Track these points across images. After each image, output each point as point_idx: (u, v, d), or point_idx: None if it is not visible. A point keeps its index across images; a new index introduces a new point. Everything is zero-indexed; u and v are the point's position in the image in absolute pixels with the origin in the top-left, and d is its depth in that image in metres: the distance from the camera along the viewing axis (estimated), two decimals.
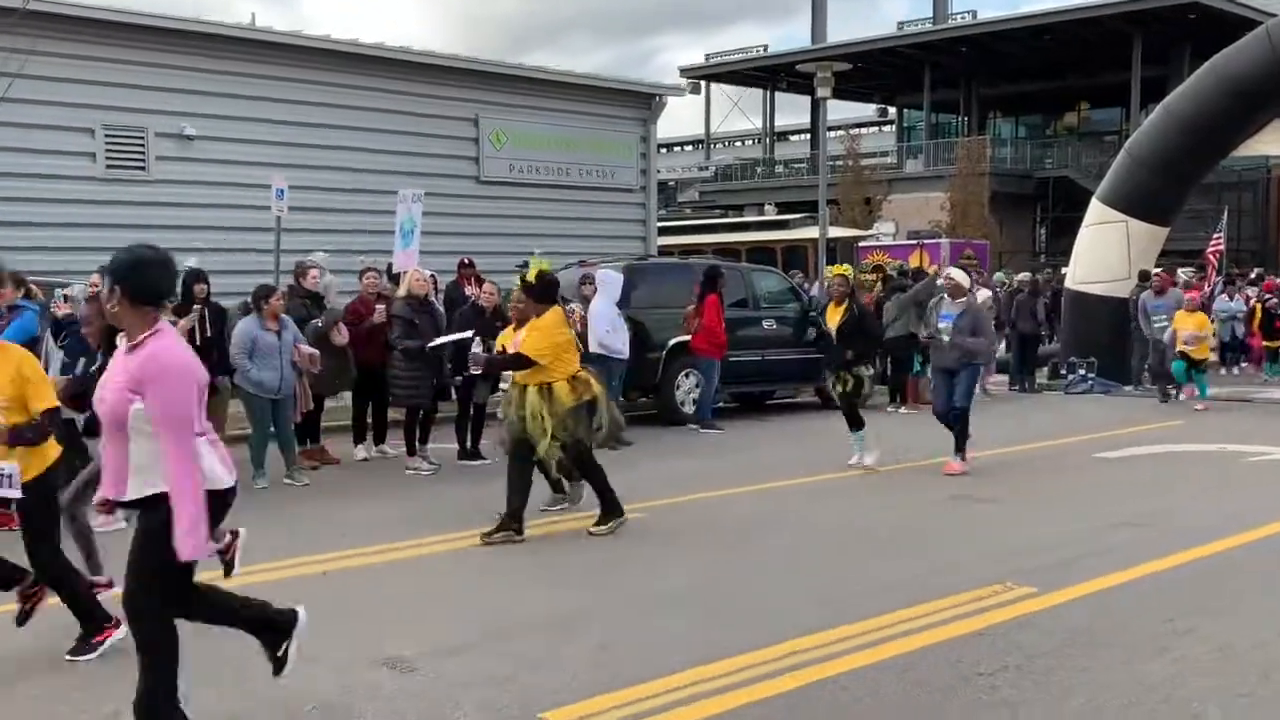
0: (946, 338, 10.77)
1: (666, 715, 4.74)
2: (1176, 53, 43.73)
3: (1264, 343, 20.69)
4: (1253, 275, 25.55)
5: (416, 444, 11.09)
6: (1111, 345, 18.26)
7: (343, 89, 18.54)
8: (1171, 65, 43.02)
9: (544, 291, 8.18)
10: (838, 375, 11.15)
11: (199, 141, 17.11)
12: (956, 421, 10.82)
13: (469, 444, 11.52)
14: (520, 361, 8.12)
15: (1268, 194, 47.49)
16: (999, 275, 25.03)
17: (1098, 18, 44.62)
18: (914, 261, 26.74)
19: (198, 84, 17.10)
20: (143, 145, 16.75)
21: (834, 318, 10.99)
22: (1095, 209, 18.81)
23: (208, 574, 4.50)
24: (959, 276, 11.07)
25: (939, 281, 14.22)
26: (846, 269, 11.51)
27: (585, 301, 12.95)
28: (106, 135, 16.46)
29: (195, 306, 10.42)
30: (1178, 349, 16.22)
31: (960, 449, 10.82)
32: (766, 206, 42.88)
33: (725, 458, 11.98)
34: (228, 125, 17.34)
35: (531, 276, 8.12)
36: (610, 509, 8.22)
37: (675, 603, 6.37)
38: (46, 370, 6.57)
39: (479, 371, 8.84)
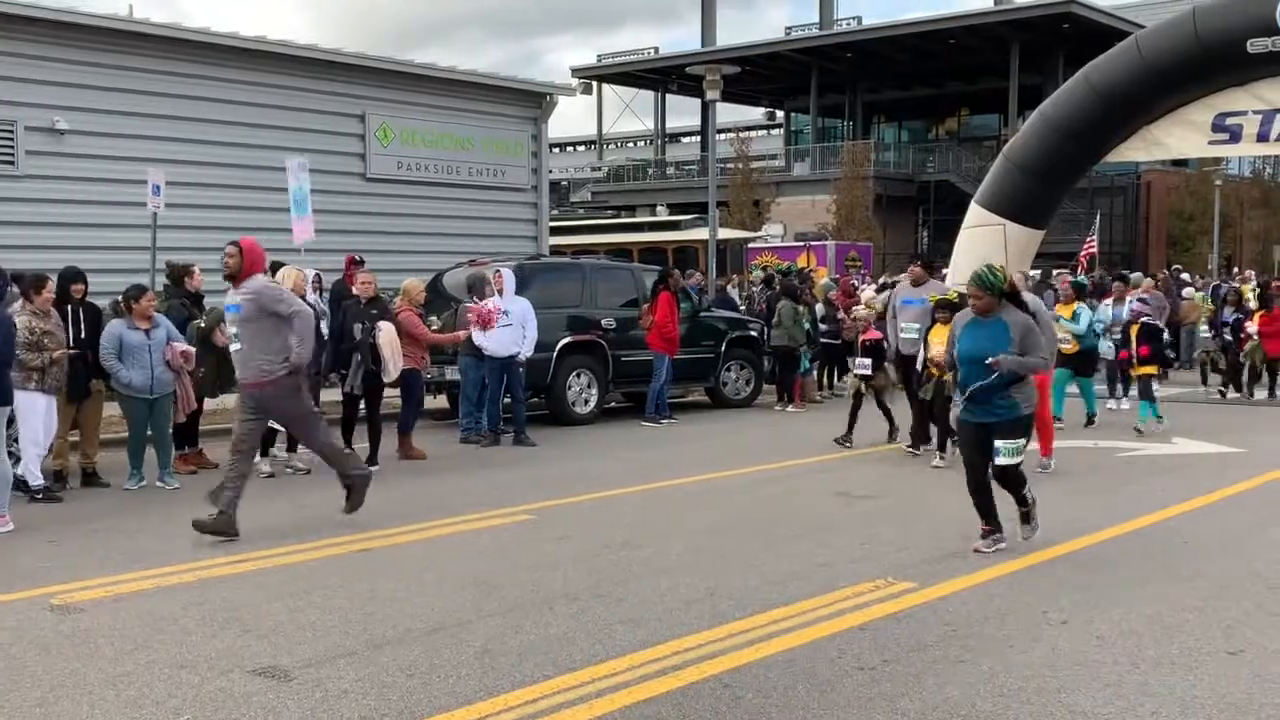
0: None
1: (551, 718, 4.70)
2: (1051, 61, 45.23)
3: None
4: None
5: (279, 447, 10.95)
6: None
7: (223, 83, 18.07)
8: (1047, 73, 44.50)
9: None
10: None
11: (72, 136, 16.53)
12: None
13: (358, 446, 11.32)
14: None
15: (1138, 199, 49.37)
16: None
17: (977, 25, 45.95)
18: (801, 262, 27.10)
19: (71, 76, 16.51)
20: (11, 139, 16.11)
21: None
22: (974, 212, 19.23)
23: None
24: None
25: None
26: None
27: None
28: None
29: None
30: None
31: None
32: (658, 207, 43.16)
33: (614, 458, 11.98)
34: (103, 119, 16.78)
35: None
36: None
37: (561, 605, 6.33)
38: None
39: None
